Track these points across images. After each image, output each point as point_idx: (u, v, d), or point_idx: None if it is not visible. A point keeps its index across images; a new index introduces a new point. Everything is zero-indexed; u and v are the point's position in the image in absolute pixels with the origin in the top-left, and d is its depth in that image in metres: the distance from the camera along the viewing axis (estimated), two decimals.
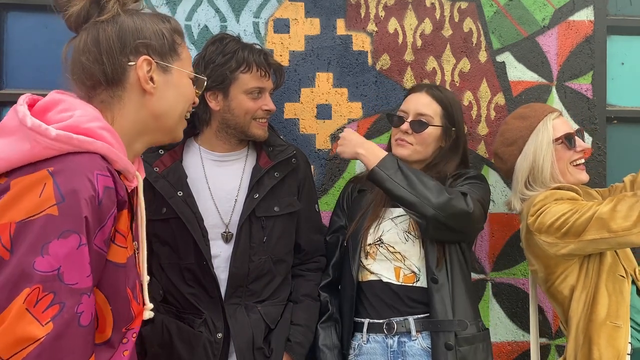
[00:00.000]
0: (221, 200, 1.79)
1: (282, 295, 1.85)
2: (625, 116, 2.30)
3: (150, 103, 1.16)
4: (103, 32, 1.12)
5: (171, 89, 1.18)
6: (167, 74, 1.17)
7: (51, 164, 0.98)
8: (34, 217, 0.94)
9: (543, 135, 1.81)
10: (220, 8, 2.16)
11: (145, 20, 1.17)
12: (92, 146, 1.02)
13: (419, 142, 1.85)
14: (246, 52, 1.74)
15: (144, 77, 1.14)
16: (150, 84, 1.15)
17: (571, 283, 1.77)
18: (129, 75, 1.14)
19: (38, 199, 0.95)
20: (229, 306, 1.75)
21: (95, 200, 0.98)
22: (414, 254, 1.79)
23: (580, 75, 2.25)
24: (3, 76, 2.17)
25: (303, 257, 1.92)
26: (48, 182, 0.96)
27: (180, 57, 1.20)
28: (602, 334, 1.70)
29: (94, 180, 0.99)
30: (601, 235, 1.62)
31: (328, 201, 2.15)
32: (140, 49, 1.14)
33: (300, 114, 2.18)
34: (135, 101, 1.15)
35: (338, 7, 2.19)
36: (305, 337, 1.83)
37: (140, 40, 1.14)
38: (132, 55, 1.13)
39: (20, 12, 2.17)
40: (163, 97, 1.17)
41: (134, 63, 1.13)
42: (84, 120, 1.04)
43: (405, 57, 2.21)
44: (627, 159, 2.16)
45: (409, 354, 1.74)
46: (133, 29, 1.14)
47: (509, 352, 2.22)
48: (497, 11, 2.24)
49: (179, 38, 1.22)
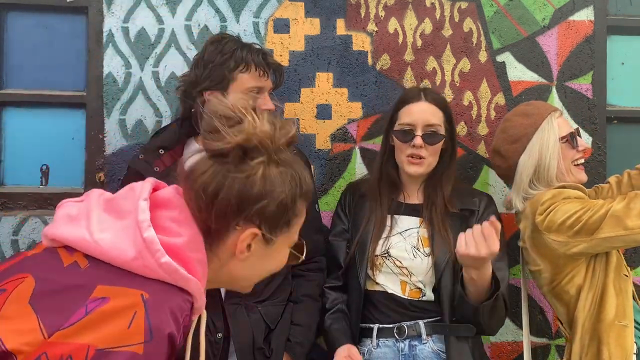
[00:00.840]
0: None
1: (282, 295, 1.84)
2: (625, 116, 2.30)
3: (235, 266, 1.04)
4: (228, 186, 0.96)
5: (264, 260, 1.06)
6: (268, 245, 1.03)
7: (146, 288, 0.90)
8: (118, 349, 0.85)
9: (549, 134, 1.79)
10: (220, 8, 2.16)
11: (276, 180, 0.99)
12: (189, 286, 0.94)
13: (431, 154, 1.83)
14: (245, 52, 1.74)
15: (241, 249, 1.01)
16: (245, 254, 1.02)
17: (578, 283, 1.74)
18: (230, 237, 1.00)
19: (127, 330, 0.86)
20: (229, 306, 1.74)
21: (177, 343, 0.91)
22: (422, 271, 1.78)
23: (580, 75, 2.25)
24: (3, 76, 2.16)
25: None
26: (139, 311, 0.87)
27: (290, 229, 1.05)
28: (611, 334, 1.69)
29: (181, 323, 0.92)
30: (617, 232, 1.61)
31: (328, 201, 2.15)
32: (254, 219, 0.99)
33: (300, 114, 2.18)
34: (224, 259, 1.03)
35: (338, 7, 2.19)
36: (305, 337, 1.83)
37: (259, 208, 0.98)
38: (243, 220, 0.99)
39: (20, 12, 2.17)
40: (251, 266, 1.05)
41: (241, 229, 0.99)
42: (191, 247, 0.96)
43: (405, 57, 2.21)
44: (627, 159, 2.15)
45: (420, 357, 1.75)
46: (258, 194, 0.97)
47: (509, 352, 2.21)
48: (497, 11, 2.24)
49: (302, 204, 1.06)
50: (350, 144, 2.19)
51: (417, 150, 1.80)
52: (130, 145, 2.10)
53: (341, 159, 2.18)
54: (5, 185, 2.15)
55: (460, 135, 2.21)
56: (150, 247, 0.91)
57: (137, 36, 2.12)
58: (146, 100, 2.12)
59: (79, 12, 2.16)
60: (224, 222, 0.99)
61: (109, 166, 2.10)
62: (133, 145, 2.09)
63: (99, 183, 2.08)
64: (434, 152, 1.83)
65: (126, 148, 2.10)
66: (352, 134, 2.19)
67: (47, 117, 2.17)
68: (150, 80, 2.12)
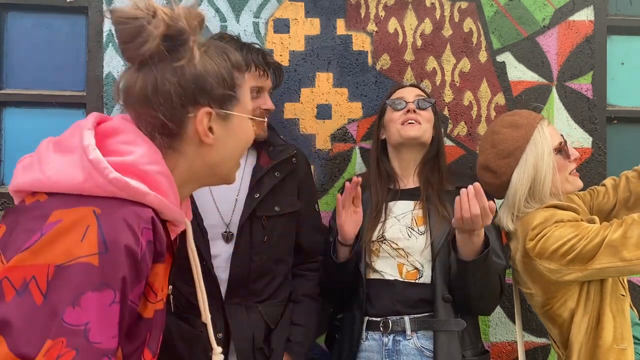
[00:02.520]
0: (222, 200, 1.79)
1: (282, 295, 1.84)
2: (625, 116, 2.30)
3: (207, 154, 1.07)
4: (164, 81, 1.00)
5: (230, 137, 1.09)
6: (227, 121, 1.07)
7: (98, 204, 0.92)
8: (73, 262, 0.87)
9: (543, 145, 1.68)
10: (220, 8, 2.16)
11: (205, 62, 1.04)
12: (145, 199, 0.96)
13: (426, 120, 1.89)
14: (244, 52, 1.73)
15: (204, 131, 1.04)
16: (210, 136, 1.05)
17: (571, 307, 1.66)
18: (187, 127, 1.03)
19: (80, 242, 0.88)
20: (229, 306, 1.74)
21: (138, 256, 0.92)
22: (417, 250, 1.79)
23: (580, 75, 2.25)
24: (3, 76, 2.16)
25: (303, 256, 1.92)
26: (92, 225, 0.90)
27: (240, 99, 1.10)
28: (610, 359, 1.60)
29: (139, 235, 0.92)
30: (613, 264, 1.51)
31: (328, 201, 2.15)
32: (200, 100, 1.03)
33: (300, 114, 2.18)
34: (191, 152, 1.06)
35: (338, 7, 2.19)
36: (305, 337, 1.83)
37: (200, 88, 1.02)
38: (191, 106, 1.02)
39: (20, 12, 2.17)
40: (221, 147, 1.08)
41: (194, 115, 1.03)
42: (144, 161, 0.97)
43: (405, 57, 2.21)
44: (627, 159, 2.15)
45: (403, 353, 1.74)
46: (195, 77, 1.02)
47: (509, 352, 2.21)
48: (497, 11, 2.24)
49: (239, 74, 1.10)
50: (350, 144, 2.19)
51: (411, 114, 1.87)
52: None
53: (341, 159, 2.18)
54: (5, 185, 2.15)
55: (460, 135, 2.21)
56: (97, 167, 0.93)
57: None
58: None
59: (79, 12, 2.16)
60: (176, 115, 1.02)
61: None
62: None
63: None
64: (427, 120, 1.89)
65: None
66: (352, 134, 2.19)
67: (47, 117, 2.16)
68: None
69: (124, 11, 0.99)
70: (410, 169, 1.92)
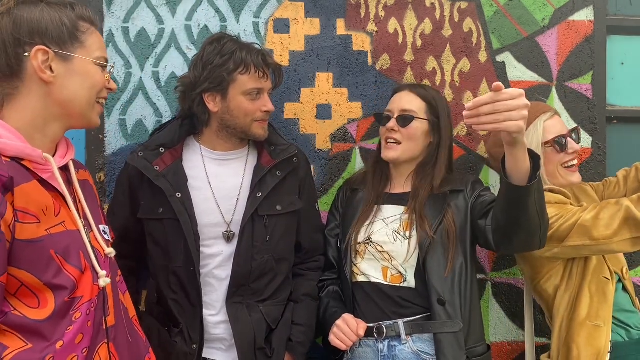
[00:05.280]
0: (223, 199, 1.79)
1: (283, 295, 1.85)
2: (625, 116, 2.30)
3: (53, 92, 1.18)
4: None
5: (74, 77, 1.20)
6: (68, 62, 1.19)
7: None
8: None
9: (532, 139, 1.81)
10: (220, 8, 2.16)
11: (42, 9, 1.17)
12: None
13: (406, 138, 1.84)
14: (244, 53, 1.73)
15: (40, 67, 1.15)
16: (48, 73, 1.16)
17: (555, 283, 1.81)
18: (26, 67, 1.16)
19: None
20: (230, 305, 1.74)
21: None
22: (401, 254, 1.77)
23: (580, 75, 2.25)
24: None
25: (303, 256, 1.92)
26: None
27: (84, 44, 1.21)
28: (581, 333, 1.73)
29: None
30: (583, 242, 1.64)
31: (328, 201, 2.15)
32: (36, 39, 1.15)
33: (300, 114, 2.18)
34: (36, 91, 1.17)
35: (338, 7, 2.19)
36: (306, 336, 1.83)
37: (35, 30, 1.15)
38: (28, 46, 1.15)
39: None
40: (65, 86, 1.19)
41: (29, 54, 1.15)
42: None
43: (405, 57, 2.22)
44: (627, 159, 2.15)
45: (400, 357, 1.73)
46: (27, 20, 1.15)
47: (509, 352, 2.22)
48: (497, 11, 2.24)
49: (85, 24, 1.22)
50: (350, 144, 2.19)
51: (390, 133, 1.85)
52: (130, 145, 2.10)
53: (341, 159, 2.19)
54: None
55: (460, 135, 2.21)
56: None
57: (137, 36, 2.12)
58: (146, 100, 2.12)
59: None
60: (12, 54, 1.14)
61: (109, 166, 2.10)
62: (133, 145, 2.08)
63: (99, 183, 2.08)
64: (409, 137, 1.84)
65: (126, 148, 2.09)
66: (352, 134, 2.19)
67: None
68: (150, 80, 2.12)
69: None
70: (403, 175, 1.91)
